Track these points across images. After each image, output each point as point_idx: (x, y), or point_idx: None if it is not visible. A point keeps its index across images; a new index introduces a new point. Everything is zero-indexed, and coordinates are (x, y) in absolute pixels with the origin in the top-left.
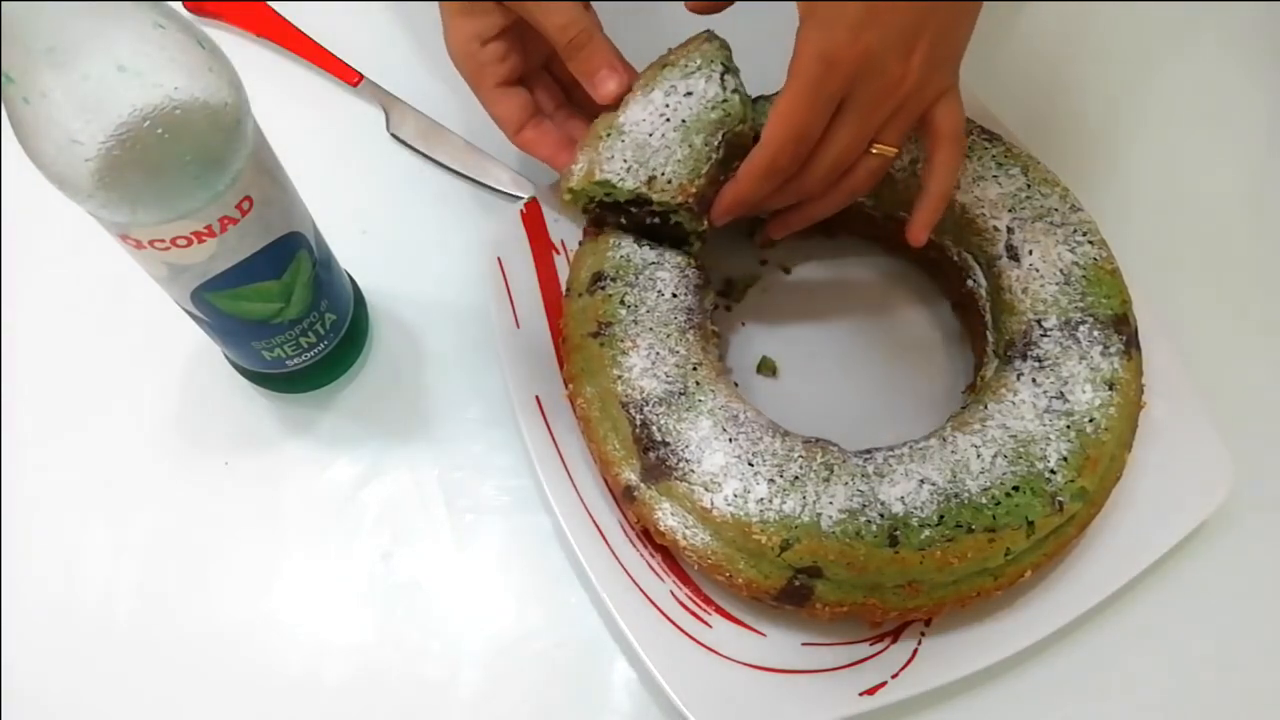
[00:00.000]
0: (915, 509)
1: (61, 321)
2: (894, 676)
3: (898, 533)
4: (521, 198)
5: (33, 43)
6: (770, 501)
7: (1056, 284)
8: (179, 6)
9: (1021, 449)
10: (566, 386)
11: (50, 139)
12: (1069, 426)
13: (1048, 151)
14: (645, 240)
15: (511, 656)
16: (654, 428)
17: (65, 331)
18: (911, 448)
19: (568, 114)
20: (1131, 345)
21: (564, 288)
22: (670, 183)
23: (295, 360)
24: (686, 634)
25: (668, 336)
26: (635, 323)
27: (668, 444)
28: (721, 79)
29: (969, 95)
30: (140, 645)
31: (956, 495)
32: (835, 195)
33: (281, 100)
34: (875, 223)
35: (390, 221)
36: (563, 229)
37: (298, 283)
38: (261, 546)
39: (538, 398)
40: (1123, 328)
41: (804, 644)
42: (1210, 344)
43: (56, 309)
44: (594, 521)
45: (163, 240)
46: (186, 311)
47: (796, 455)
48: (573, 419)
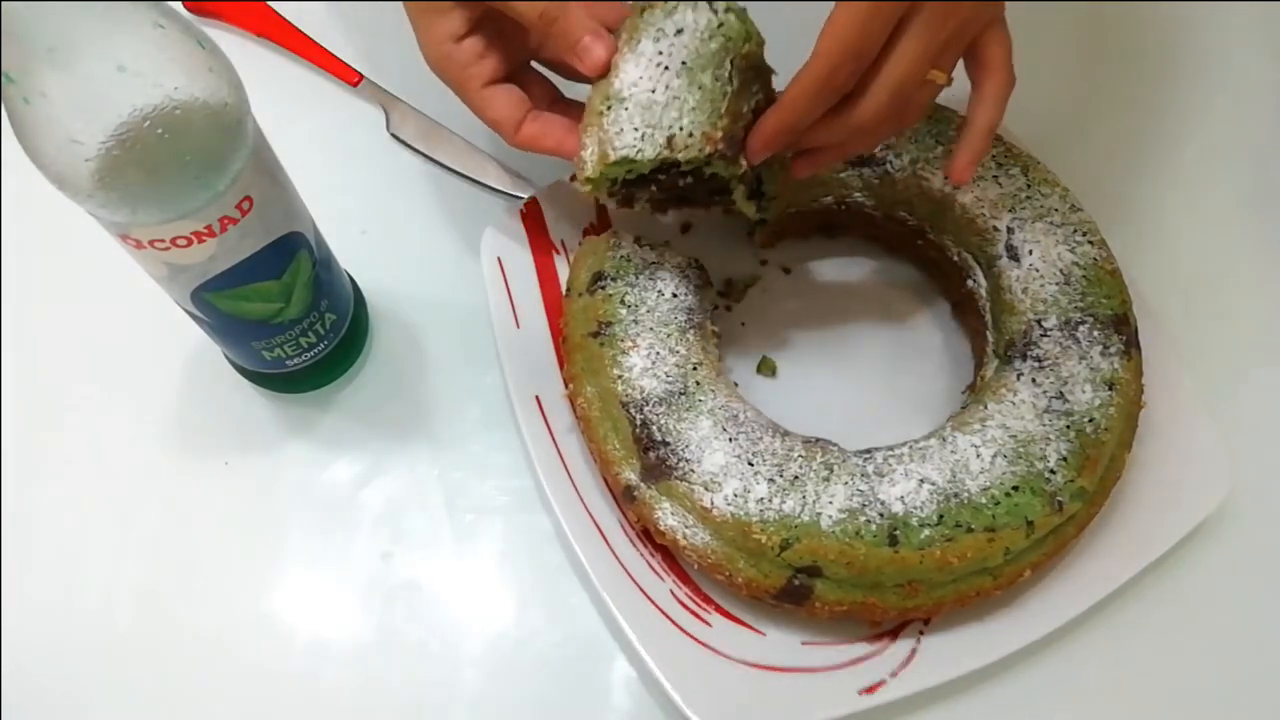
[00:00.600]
0: (915, 509)
1: (61, 322)
2: (893, 675)
3: (897, 532)
4: (521, 198)
5: (33, 43)
6: (770, 501)
7: (1056, 284)
8: (179, 6)
9: (1021, 449)
10: (566, 386)
11: (50, 139)
12: (1069, 426)
13: (1048, 151)
14: (647, 240)
15: (511, 656)
16: (654, 427)
17: (65, 332)
18: (911, 447)
19: (565, 108)
20: (1131, 345)
21: (564, 288)
22: (692, 135)
23: (295, 360)
24: (686, 633)
25: (668, 336)
26: (635, 323)
27: (668, 444)
28: (710, 3)
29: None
30: (140, 645)
31: (956, 495)
32: (882, 128)
33: (281, 100)
34: (875, 223)
35: (390, 221)
36: (563, 229)
37: (298, 283)
38: (261, 547)
39: (538, 398)
40: (1123, 328)
41: (803, 643)
42: (1210, 344)
43: (56, 309)
44: (594, 521)
45: (163, 240)
46: (186, 312)
47: (796, 455)
48: (573, 419)
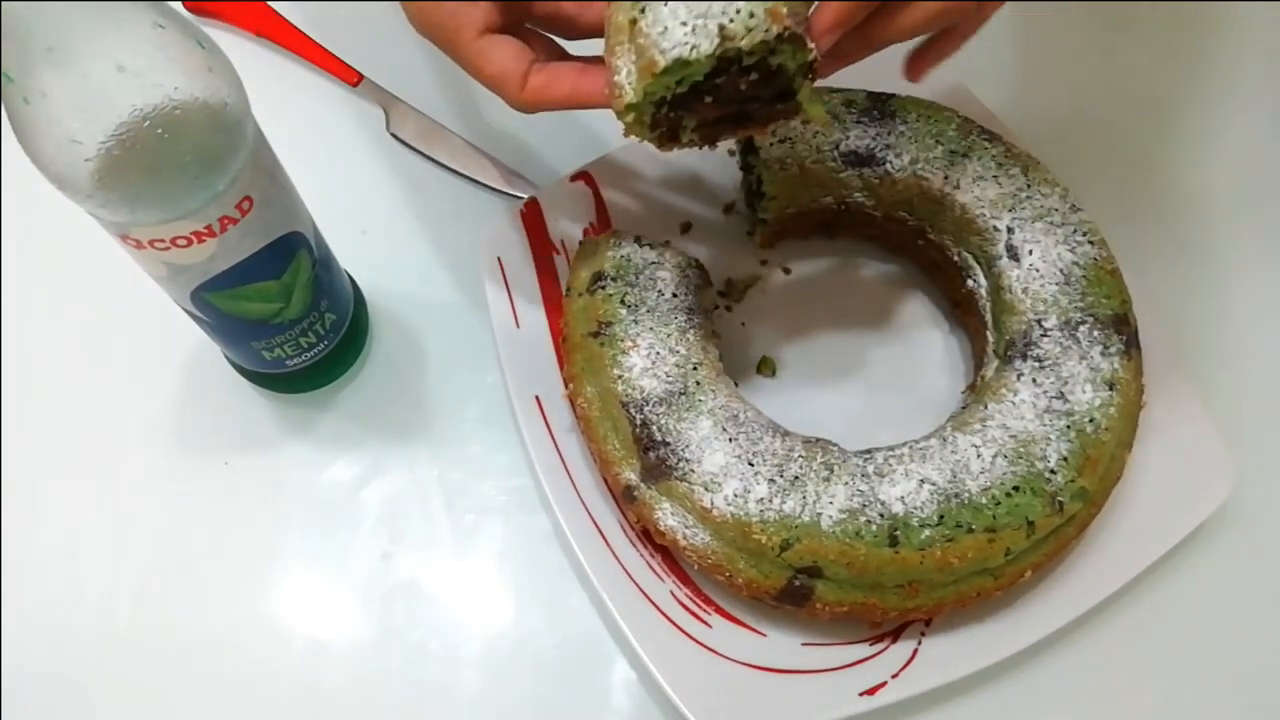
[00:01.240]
0: (915, 509)
1: (61, 322)
2: (894, 676)
3: (898, 533)
4: (521, 198)
5: (32, 42)
6: (770, 501)
7: (1056, 284)
8: (179, 6)
9: (1022, 449)
10: (566, 386)
11: (50, 139)
12: (1069, 426)
13: (1048, 151)
14: (647, 240)
15: (511, 656)
16: (654, 428)
17: (65, 332)
18: (911, 448)
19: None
20: (1132, 345)
21: (564, 288)
22: (754, 16)
23: (295, 360)
24: (686, 634)
25: (668, 336)
26: (635, 323)
27: (668, 444)
28: None
29: (969, 96)
30: (140, 644)
31: (956, 495)
32: (977, 16)
33: (281, 100)
34: (875, 223)
35: (390, 221)
36: (563, 229)
37: (298, 283)
38: (261, 547)
39: (538, 398)
40: (1123, 328)
41: (804, 644)
42: (1210, 344)
43: (56, 309)
44: (594, 521)
45: (163, 240)
46: (186, 312)
47: (796, 455)
48: (573, 419)
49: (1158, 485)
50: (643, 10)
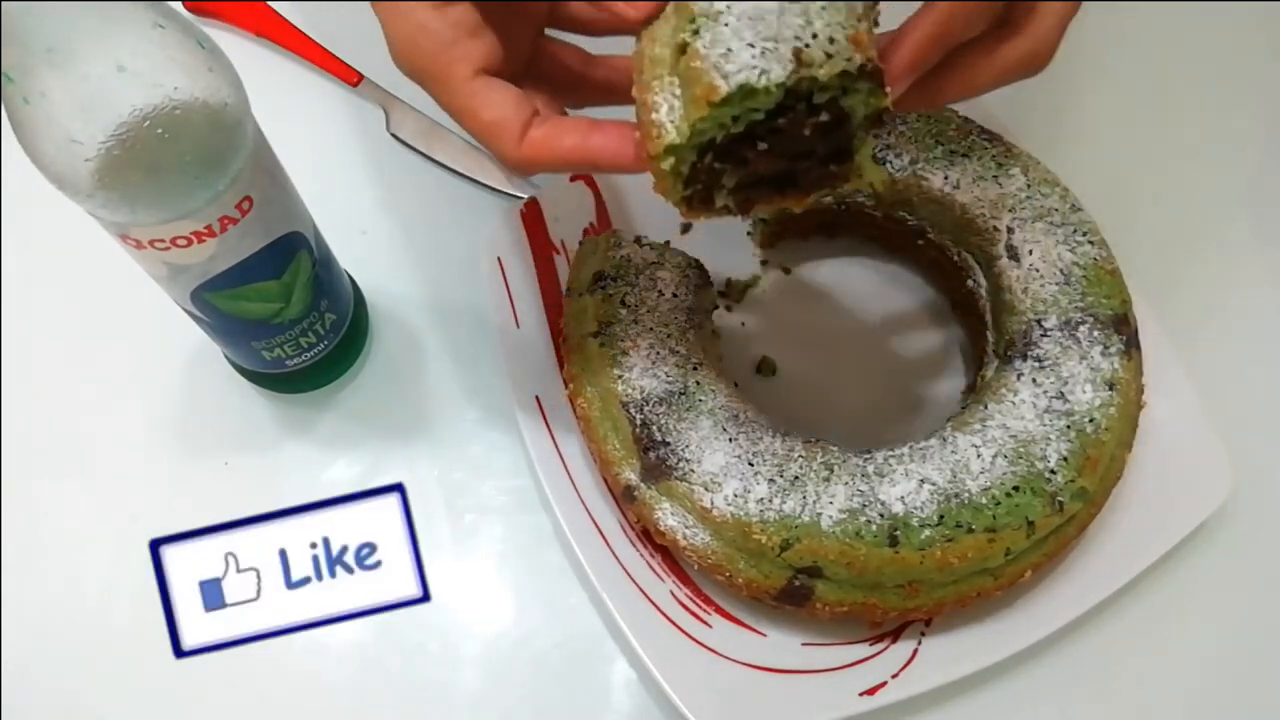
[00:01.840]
0: (915, 509)
1: (61, 321)
2: (894, 677)
3: (898, 533)
4: (521, 198)
5: (32, 43)
6: (770, 501)
7: (1056, 284)
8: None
9: (1022, 449)
10: (566, 386)
11: (50, 139)
12: (1069, 426)
13: (1048, 151)
14: (648, 240)
15: (511, 656)
16: (654, 427)
17: (65, 331)
18: (911, 448)
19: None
20: (1132, 345)
21: (564, 288)
22: (834, 42)
23: (295, 360)
24: (686, 634)
25: (668, 336)
26: (635, 323)
27: (668, 444)
28: None
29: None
30: (140, 645)
31: (957, 495)
32: (1041, 60)
33: (281, 100)
34: (875, 223)
35: (390, 221)
36: (563, 229)
37: (298, 283)
38: None
39: (538, 398)
40: (1123, 328)
41: (804, 644)
42: (1210, 344)
43: (56, 309)
44: (594, 521)
45: (163, 240)
46: (186, 311)
47: (796, 455)
48: (573, 419)
49: (1157, 485)
50: (696, 32)
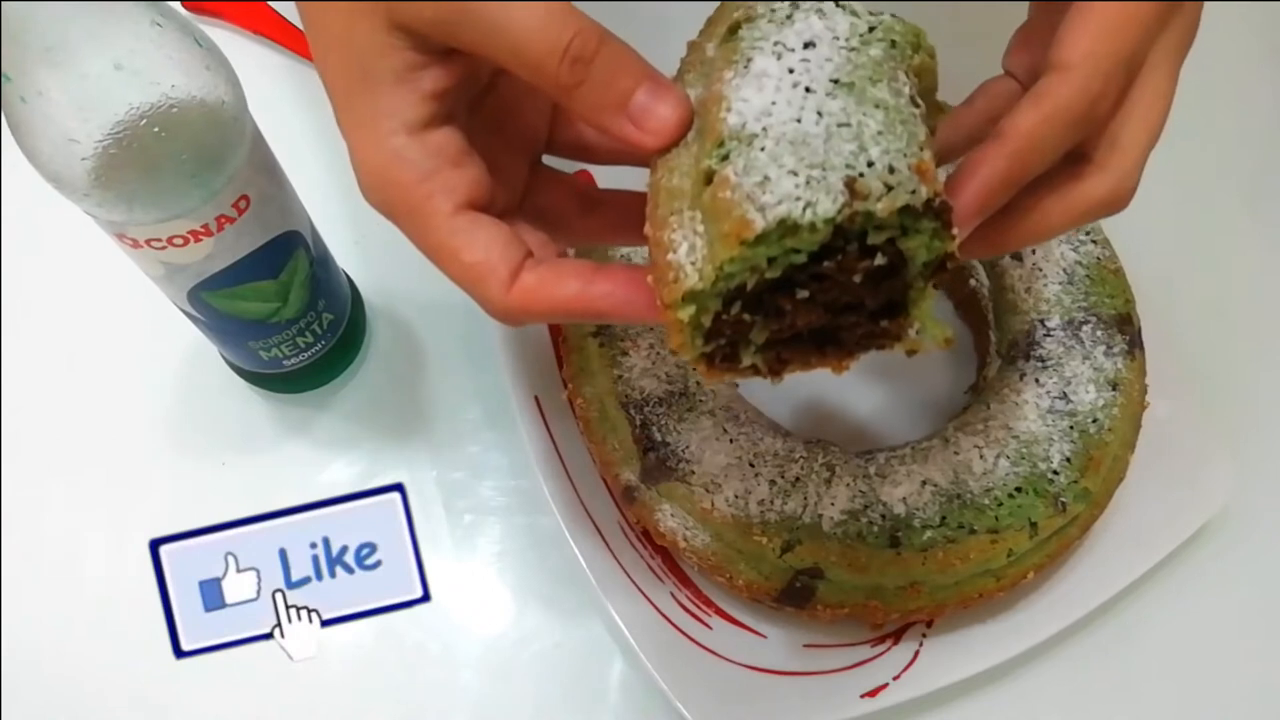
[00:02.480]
0: (917, 510)
1: (58, 321)
2: (895, 678)
3: (899, 534)
4: None
5: (30, 42)
6: (771, 503)
7: (1060, 284)
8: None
9: (1024, 450)
10: (566, 386)
11: (47, 138)
12: (1072, 427)
13: None
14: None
15: (511, 657)
16: (654, 428)
17: (62, 331)
18: (913, 448)
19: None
20: (1135, 345)
21: None
22: (894, 171)
23: (292, 360)
24: (686, 635)
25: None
26: None
27: (668, 444)
28: (837, 3)
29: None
30: (139, 645)
31: (959, 496)
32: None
33: (279, 98)
34: None
35: (388, 221)
36: None
37: (295, 282)
38: None
39: (537, 398)
40: (1126, 328)
41: (805, 646)
42: (1214, 344)
43: (53, 308)
44: (594, 522)
45: (159, 239)
46: (183, 311)
47: (797, 456)
48: (572, 419)
49: (1160, 486)
50: (725, 157)
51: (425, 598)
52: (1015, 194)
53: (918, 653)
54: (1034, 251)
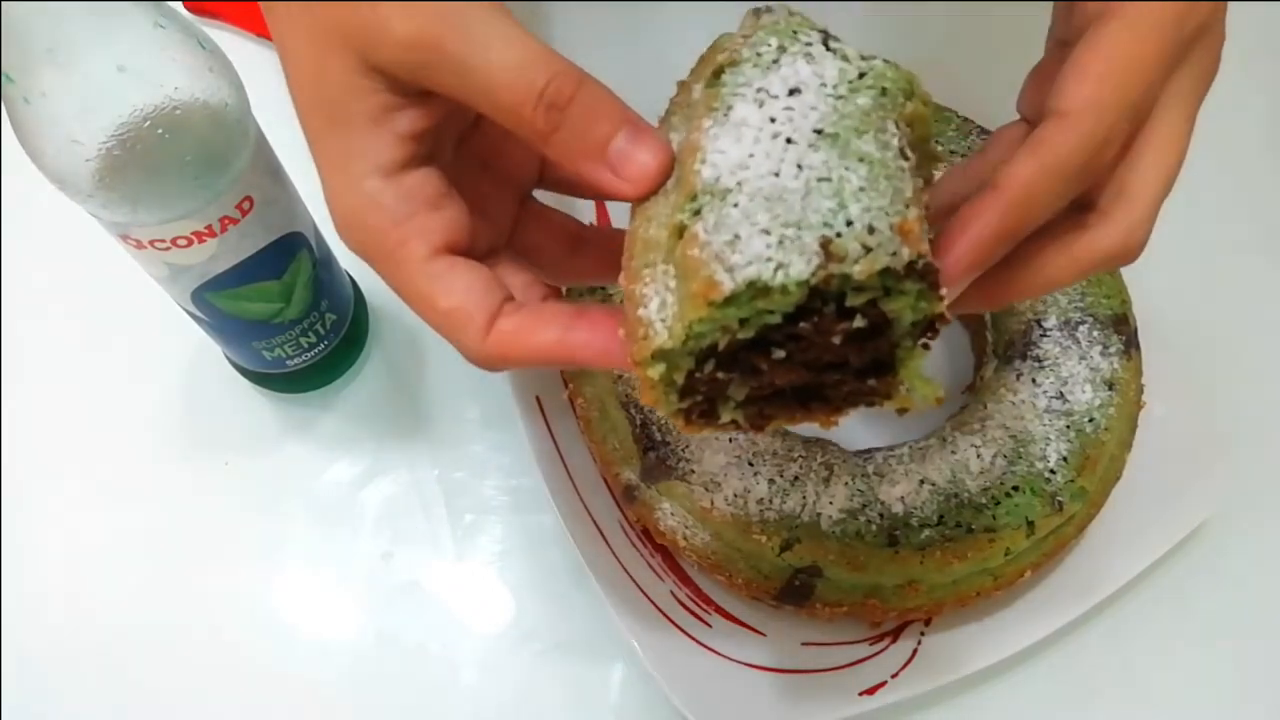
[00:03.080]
0: (915, 509)
1: (61, 322)
2: (894, 676)
3: (897, 533)
4: None
5: (33, 43)
6: (770, 501)
7: None
8: (179, 6)
9: (1021, 449)
10: (567, 386)
11: (50, 139)
12: (1069, 426)
13: None
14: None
15: (511, 656)
16: (654, 427)
17: (65, 332)
18: (911, 448)
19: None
20: (1131, 345)
21: (563, 288)
22: (874, 231)
23: (295, 360)
24: (686, 634)
25: None
26: None
27: (668, 444)
28: (827, 47)
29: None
30: (140, 645)
31: (956, 495)
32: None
33: (282, 100)
34: None
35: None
36: None
37: (298, 282)
38: (261, 547)
39: (538, 398)
40: (1122, 328)
41: (804, 644)
42: (1210, 344)
43: (56, 309)
44: (594, 521)
45: (163, 240)
46: (187, 312)
47: (796, 455)
48: (573, 418)
49: (1157, 485)
50: (697, 212)
51: (425, 598)
52: (1013, 247)
53: (916, 651)
54: None
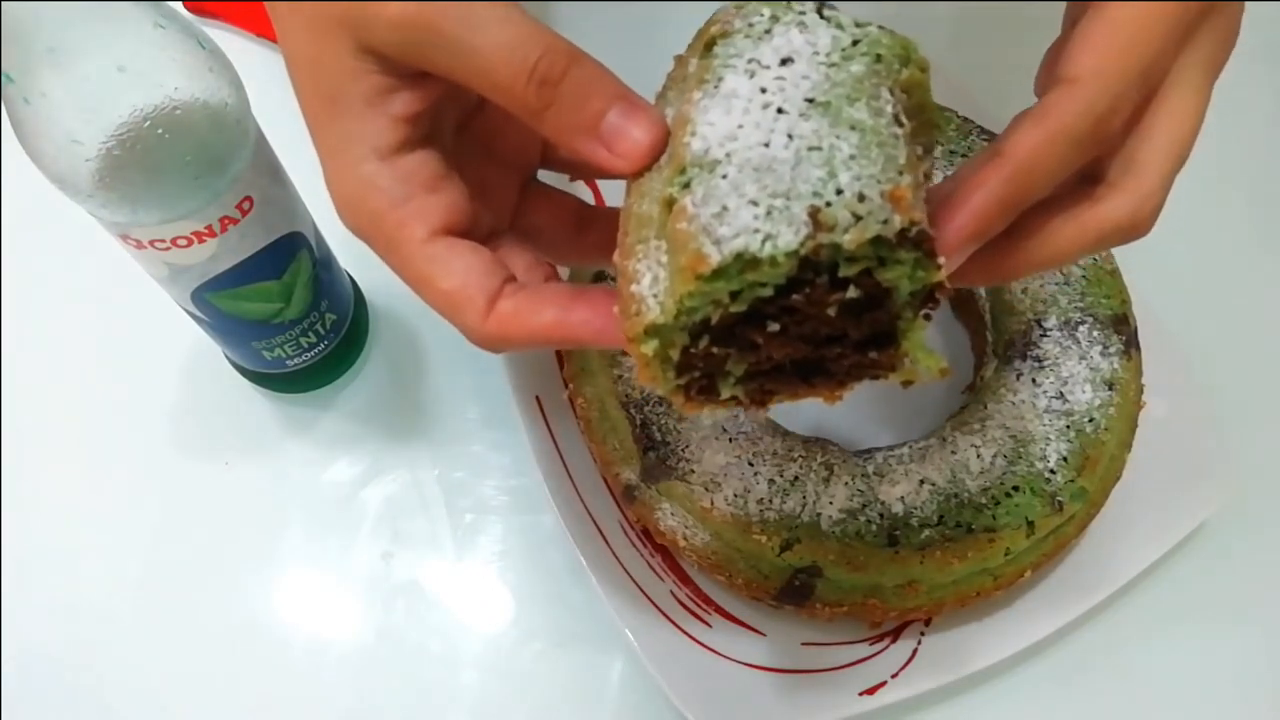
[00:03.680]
0: (915, 509)
1: (62, 322)
2: (894, 676)
3: (897, 533)
4: None
5: (33, 43)
6: (770, 501)
7: (1056, 284)
8: (179, 6)
9: (1021, 449)
10: (566, 386)
11: (50, 139)
12: (1069, 426)
13: None
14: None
15: (511, 656)
16: (654, 427)
17: (65, 332)
18: (911, 448)
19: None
20: (1131, 345)
21: None
22: (864, 199)
23: (296, 360)
24: (686, 634)
25: None
26: None
27: (668, 444)
28: (821, 15)
29: (969, 95)
30: (140, 646)
31: (956, 495)
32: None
33: (282, 100)
34: None
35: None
36: None
37: (298, 283)
38: (261, 547)
39: (538, 398)
40: (1122, 327)
41: (804, 644)
42: (1209, 344)
43: (56, 309)
44: (594, 521)
45: (163, 240)
46: (187, 312)
47: (796, 455)
48: (573, 419)
49: (1157, 485)
50: (687, 185)
51: (426, 597)
52: (1017, 218)
53: (916, 651)
54: None
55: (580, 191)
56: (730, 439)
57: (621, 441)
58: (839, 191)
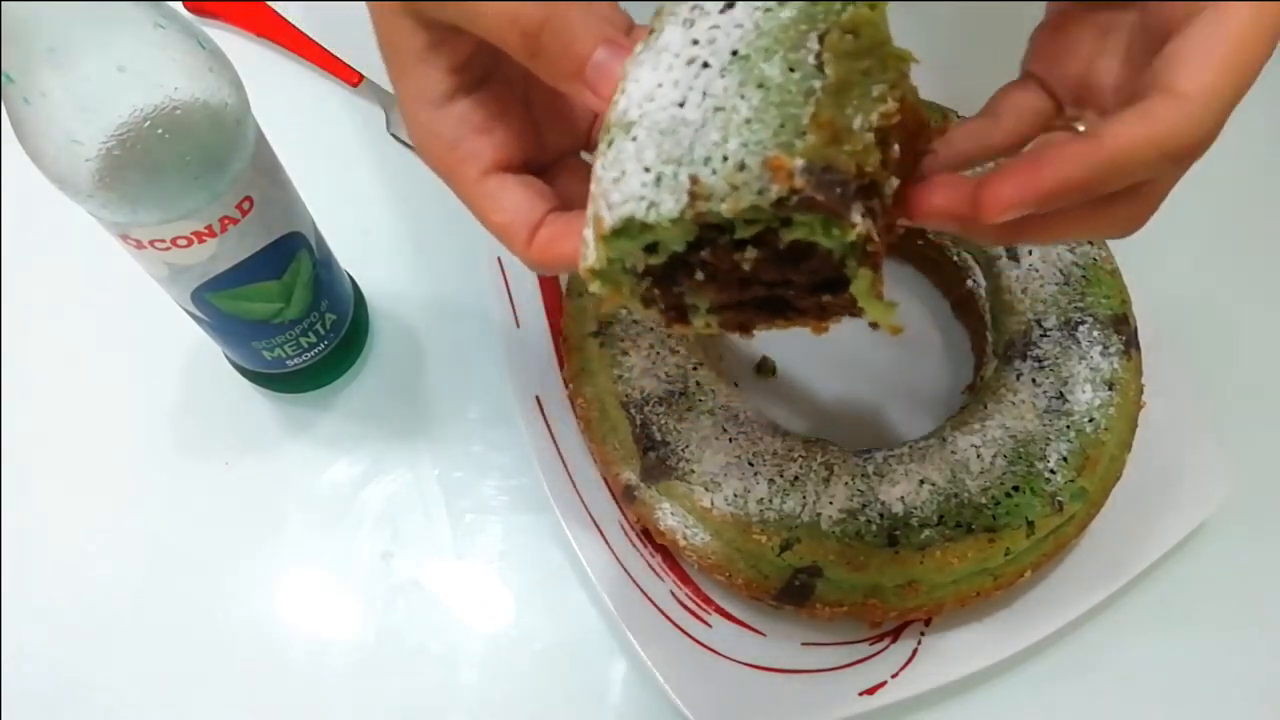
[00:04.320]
0: (915, 509)
1: (61, 322)
2: (894, 676)
3: (897, 533)
4: None
5: (33, 43)
6: (770, 501)
7: (1056, 284)
8: (179, 7)
9: (1021, 449)
10: (566, 386)
11: (50, 139)
12: (1069, 426)
13: None
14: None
15: (511, 656)
16: (654, 427)
17: (65, 332)
18: (911, 448)
19: None
20: (1131, 345)
21: (564, 288)
22: (744, 168)
23: (295, 360)
24: (686, 634)
25: (668, 336)
26: (635, 322)
27: (668, 444)
28: None
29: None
30: (140, 646)
31: (956, 495)
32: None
33: (282, 100)
34: None
35: (390, 221)
36: None
37: (298, 283)
38: (261, 547)
39: (538, 398)
40: (1122, 328)
41: (804, 644)
42: (1209, 344)
43: (56, 309)
44: (594, 521)
45: (163, 240)
46: (187, 312)
47: (796, 455)
48: (573, 419)
49: (1157, 485)
50: (609, 142)
51: (426, 597)
52: (1077, 204)
53: (916, 651)
54: (1031, 252)
55: None
56: (730, 439)
57: (621, 441)
58: (725, 159)
